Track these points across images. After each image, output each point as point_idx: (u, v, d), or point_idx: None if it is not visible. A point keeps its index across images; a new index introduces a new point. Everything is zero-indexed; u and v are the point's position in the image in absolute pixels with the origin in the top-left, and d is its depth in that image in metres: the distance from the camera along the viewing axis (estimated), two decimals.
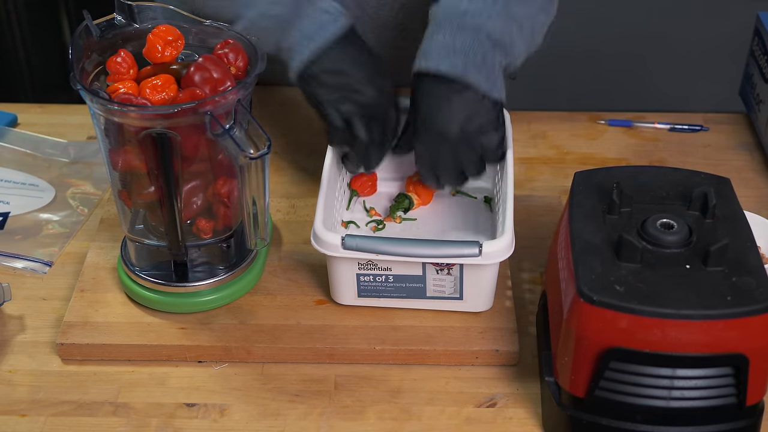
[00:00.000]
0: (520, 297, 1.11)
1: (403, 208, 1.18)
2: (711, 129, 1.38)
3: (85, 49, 1.00)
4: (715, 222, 0.94)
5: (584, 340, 0.88)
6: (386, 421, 0.98)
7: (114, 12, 1.04)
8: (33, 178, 1.28)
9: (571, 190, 0.99)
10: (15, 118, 1.40)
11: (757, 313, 0.85)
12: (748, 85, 1.39)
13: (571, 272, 0.90)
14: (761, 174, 1.30)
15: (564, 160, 1.33)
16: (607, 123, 1.39)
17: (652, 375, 0.88)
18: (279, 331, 1.05)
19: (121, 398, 1.01)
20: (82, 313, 1.07)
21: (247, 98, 0.99)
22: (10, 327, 1.08)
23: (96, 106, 0.96)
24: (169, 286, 1.06)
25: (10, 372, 1.04)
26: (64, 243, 1.19)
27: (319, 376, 1.03)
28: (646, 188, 0.97)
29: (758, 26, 1.36)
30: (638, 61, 2.59)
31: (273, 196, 1.23)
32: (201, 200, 1.03)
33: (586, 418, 0.92)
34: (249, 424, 0.98)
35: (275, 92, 1.43)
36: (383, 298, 1.06)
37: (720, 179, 1.00)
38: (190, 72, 0.98)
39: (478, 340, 1.04)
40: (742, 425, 0.91)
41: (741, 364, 0.87)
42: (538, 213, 1.23)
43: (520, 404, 1.00)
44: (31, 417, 0.99)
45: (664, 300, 0.85)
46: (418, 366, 1.04)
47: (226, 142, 0.95)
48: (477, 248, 0.99)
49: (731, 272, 0.88)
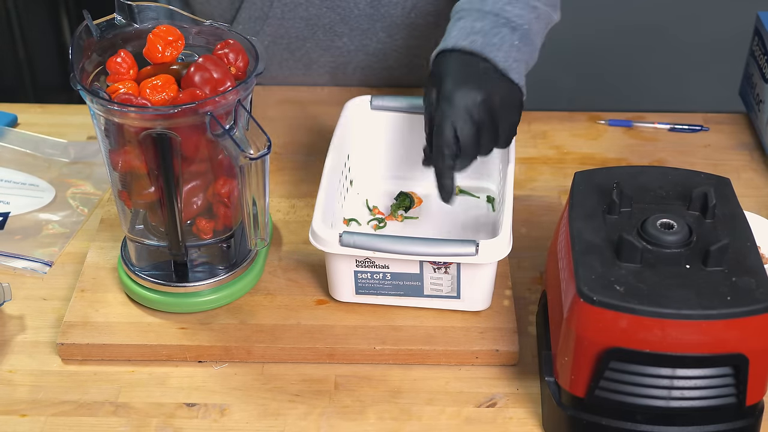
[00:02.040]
0: (520, 297, 1.11)
1: (404, 207, 1.18)
2: (711, 129, 1.38)
3: (85, 49, 1.00)
4: (715, 222, 0.94)
5: (584, 340, 0.88)
6: (386, 421, 0.98)
7: (114, 12, 1.04)
8: (33, 178, 1.28)
9: (571, 190, 0.99)
10: (15, 118, 1.40)
11: (757, 313, 0.85)
12: (748, 85, 1.39)
13: (571, 272, 0.90)
14: (761, 174, 1.30)
15: (564, 160, 1.33)
16: (607, 123, 1.39)
17: (652, 375, 0.88)
18: (279, 331, 1.05)
19: (121, 398, 1.01)
20: (83, 313, 1.07)
21: (247, 98, 0.99)
22: (10, 327, 1.08)
23: (96, 107, 0.96)
24: (169, 286, 1.06)
25: (11, 372, 1.04)
26: (64, 243, 1.19)
27: (319, 376, 1.03)
28: (646, 188, 0.97)
29: (758, 26, 1.36)
30: (638, 61, 2.59)
31: (273, 196, 1.23)
32: (201, 200, 1.03)
33: (586, 418, 0.92)
34: (249, 424, 0.98)
35: (275, 92, 1.43)
36: (381, 295, 1.06)
37: (720, 179, 1.00)
38: (190, 72, 0.98)
39: (478, 340, 1.04)
40: (742, 425, 0.91)
41: (741, 364, 0.87)
42: (538, 213, 1.23)
43: (520, 404, 1.00)
44: (32, 417, 0.99)
45: (664, 300, 0.85)
46: (418, 366, 1.04)
47: (226, 143, 0.95)
48: (474, 247, 0.99)
49: (731, 272, 0.88)
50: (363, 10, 1.36)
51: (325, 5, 1.35)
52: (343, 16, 1.36)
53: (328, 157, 1.12)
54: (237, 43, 1.03)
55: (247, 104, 0.99)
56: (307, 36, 1.38)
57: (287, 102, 1.41)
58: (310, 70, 1.43)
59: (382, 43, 1.39)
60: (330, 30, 1.38)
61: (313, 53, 1.41)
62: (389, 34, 1.39)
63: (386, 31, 1.38)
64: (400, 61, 1.42)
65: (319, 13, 1.36)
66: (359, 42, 1.39)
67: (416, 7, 1.36)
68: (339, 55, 1.41)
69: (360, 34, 1.38)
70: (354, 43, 1.39)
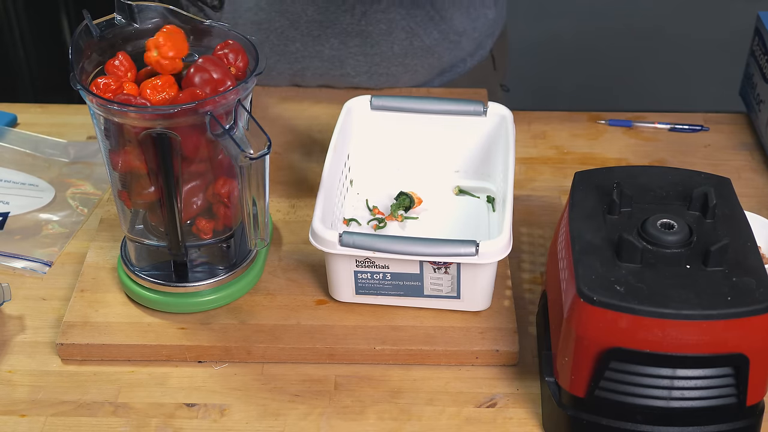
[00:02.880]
0: (520, 297, 1.11)
1: (403, 207, 1.18)
2: (711, 129, 1.38)
3: (85, 49, 1.00)
4: (715, 222, 0.94)
5: (584, 340, 0.88)
6: (386, 421, 0.98)
7: (114, 12, 1.04)
8: (33, 178, 1.28)
9: (571, 190, 0.99)
10: (15, 118, 1.40)
11: (757, 313, 0.85)
12: (748, 85, 1.39)
13: (571, 272, 0.90)
14: (761, 174, 1.30)
15: (564, 160, 1.33)
16: (607, 123, 1.39)
17: (652, 375, 0.88)
18: (279, 331, 1.05)
19: (121, 398, 1.01)
20: (82, 313, 1.07)
21: (247, 98, 0.99)
22: (10, 327, 1.08)
23: (96, 106, 0.96)
24: (169, 286, 1.06)
25: (10, 372, 1.04)
26: (63, 243, 1.19)
27: (319, 376, 1.03)
28: (646, 188, 0.97)
29: (758, 26, 1.36)
30: (638, 61, 2.59)
31: (273, 196, 1.23)
32: (201, 200, 1.03)
33: (586, 418, 0.92)
34: (249, 424, 0.98)
35: (275, 92, 1.43)
36: (381, 295, 1.06)
37: (720, 179, 1.00)
38: (190, 73, 0.98)
39: (478, 340, 1.04)
40: (742, 425, 0.91)
41: (741, 364, 0.87)
42: (538, 213, 1.23)
43: (520, 404, 1.00)
44: (31, 417, 0.99)
45: (664, 300, 0.85)
46: (418, 366, 1.04)
47: (226, 143, 0.95)
48: (474, 247, 0.99)
49: (731, 272, 0.88)
50: (311, 16, 1.35)
51: (274, 9, 1.35)
52: (293, 21, 1.36)
53: (328, 157, 1.12)
54: (237, 43, 1.03)
55: (247, 104, 0.99)
56: (262, 40, 1.37)
57: (287, 102, 1.41)
58: (269, 75, 1.42)
59: (336, 49, 1.38)
60: (282, 35, 1.37)
61: (269, 58, 1.40)
62: (341, 40, 1.38)
63: (338, 38, 1.37)
64: (357, 68, 1.41)
65: (269, 18, 1.35)
66: (312, 48, 1.38)
67: (366, 15, 1.36)
68: (294, 60, 1.40)
69: (311, 40, 1.37)
70: (307, 49, 1.39)
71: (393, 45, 1.38)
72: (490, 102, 1.18)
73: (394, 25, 1.38)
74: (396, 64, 1.41)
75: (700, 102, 2.44)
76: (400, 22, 1.37)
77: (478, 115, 1.17)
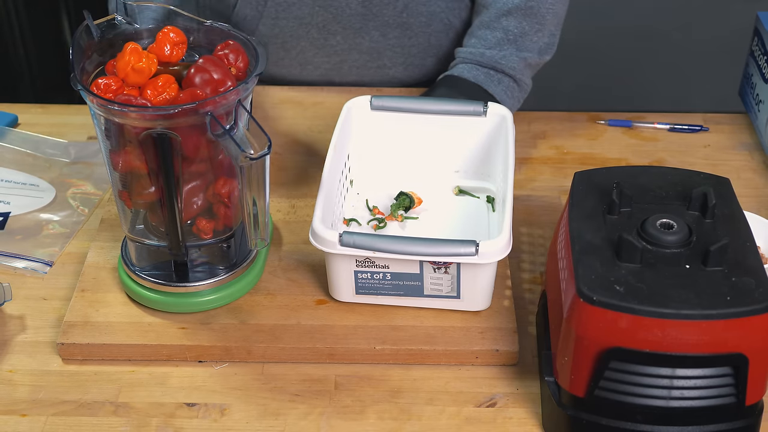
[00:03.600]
0: (520, 297, 1.11)
1: (404, 207, 1.18)
2: (711, 129, 1.38)
3: (85, 49, 1.01)
4: (714, 222, 0.94)
5: (584, 340, 0.88)
6: (386, 421, 0.98)
7: (114, 12, 1.04)
8: (33, 178, 1.28)
9: (571, 190, 0.99)
10: (15, 118, 1.40)
11: (757, 313, 0.85)
12: (747, 85, 1.39)
13: (571, 272, 0.90)
14: (761, 174, 1.30)
15: (564, 160, 1.33)
16: (607, 123, 1.39)
17: (652, 375, 0.88)
18: (279, 331, 1.05)
19: (121, 398, 1.01)
20: (83, 313, 1.07)
21: (248, 98, 1.00)
22: (10, 327, 1.08)
23: (96, 107, 0.96)
24: (169, 286, 1.07)
25: (11, 372, 1.04)
26: (64, 243, 1.19)
27: (319, 376, 1.03)
28: (646, 188, 0.98)
29: (758, 26, 1.36)
30: (638, 61, 2.59)
31: (273, 196, 1.23)
32: (201, 200, 1.04)
33: (586, 418, 0.92)
34: (249, 424, 0.98)
35: (275, 92, 1.43)
36: (381, 295, 1.06)
37: (720, 179, 1.00)
38: (190, 73, 0.98)
39: (478, 339, 1.04)
40: (742, 425, 0.91)
41: (741, 364, 0.87)
42: (538, 213, 1.23)
43: (520, 404, 1.00)
44: (32, 417, 0.99)
45: (664, 300, 0.85)
46: (418, 366, 1.04)
47: (227, 143, 0.95)
48: (474, 247, 0.99)
49: (731, 272, 0.88)
50: (355, 9, 1.36)
51: (318, 4, 1.36)
52: (336, 15, 1.37)
53: (328, 157, 1.12)
54: (237, 43, 1.03)
55: (247, 104, 0.99)
56: (301, 35, 1.39)
57: (287, 102, 1.42)
58: (305, 69, 1.43)
59: (375, 42, 1.40)
60: (323, 29, 1.38)
61: (308, 52, 1.41)
62: (382, 33, 1.39)
63: (379, 30, 1.39)
64: (394, 60, 1.43)
65: (312, 12, 1.37)
66: (352, 41, 1.40)
67: (408, 7, 1.37)
68: (333, 53, 1.41)
69: (353, 33, 1.39)
70: (347, 42, 1.40)
71: (430, 36, 1.40)
72: (490, 102, 1.18)
73: (434, 18, 1.39)
74: (431, 55, 1.43)
75: (700, 102, 2.44)
76: (439, 14, 1.39)
77: (477, 115, 1.17)
